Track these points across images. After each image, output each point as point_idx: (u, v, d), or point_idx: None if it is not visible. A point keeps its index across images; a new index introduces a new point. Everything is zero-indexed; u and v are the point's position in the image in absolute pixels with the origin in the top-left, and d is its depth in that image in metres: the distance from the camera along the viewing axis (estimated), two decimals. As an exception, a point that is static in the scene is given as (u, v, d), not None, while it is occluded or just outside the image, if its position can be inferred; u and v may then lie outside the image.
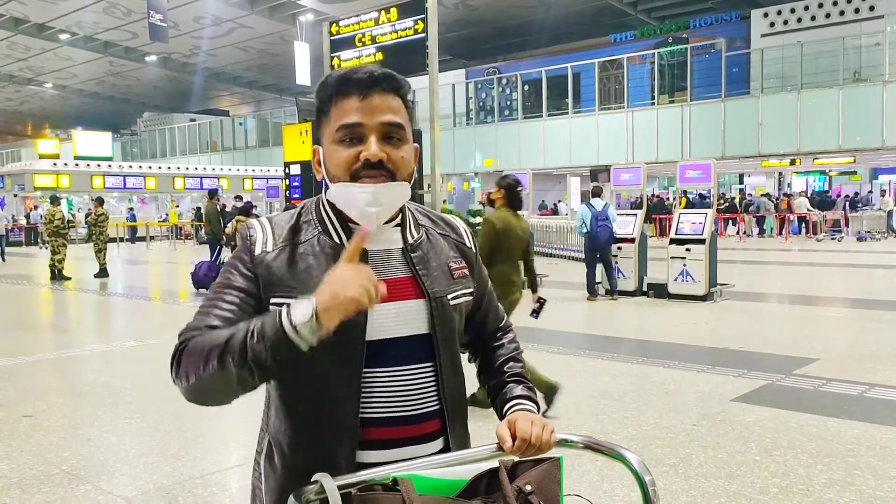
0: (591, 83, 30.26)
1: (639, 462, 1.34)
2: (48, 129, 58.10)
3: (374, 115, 1.34)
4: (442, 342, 1.40)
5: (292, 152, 14.44)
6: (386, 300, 1.30)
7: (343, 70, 1.41)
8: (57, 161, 33.14)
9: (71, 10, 31.69)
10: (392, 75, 1.39)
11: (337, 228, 1.40)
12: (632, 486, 1.33)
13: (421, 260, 1.42)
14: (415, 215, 1.49)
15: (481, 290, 1.58)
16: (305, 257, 1.36)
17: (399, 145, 1.37)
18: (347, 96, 1.36)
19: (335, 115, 1.37)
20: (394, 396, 1.35)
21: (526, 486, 1.25)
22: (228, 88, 49.51)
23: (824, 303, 10.76)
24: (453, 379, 1.43)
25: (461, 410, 1.47)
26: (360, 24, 12.39)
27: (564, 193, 34.37)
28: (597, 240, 10.99)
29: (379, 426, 1.34)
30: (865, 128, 23.01)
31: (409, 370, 1.37)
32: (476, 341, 1.63)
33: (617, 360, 6.96)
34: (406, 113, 1.40)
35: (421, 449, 1.37)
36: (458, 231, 1.55)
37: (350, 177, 1.34)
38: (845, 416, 4.98)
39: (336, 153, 1.36)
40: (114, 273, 16.42)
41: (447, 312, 1.41)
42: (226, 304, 1.33)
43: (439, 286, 1.41)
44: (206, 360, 1.24)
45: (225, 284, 1.36)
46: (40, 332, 9.54)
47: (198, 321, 1.33)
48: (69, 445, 4.72)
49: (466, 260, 1.52)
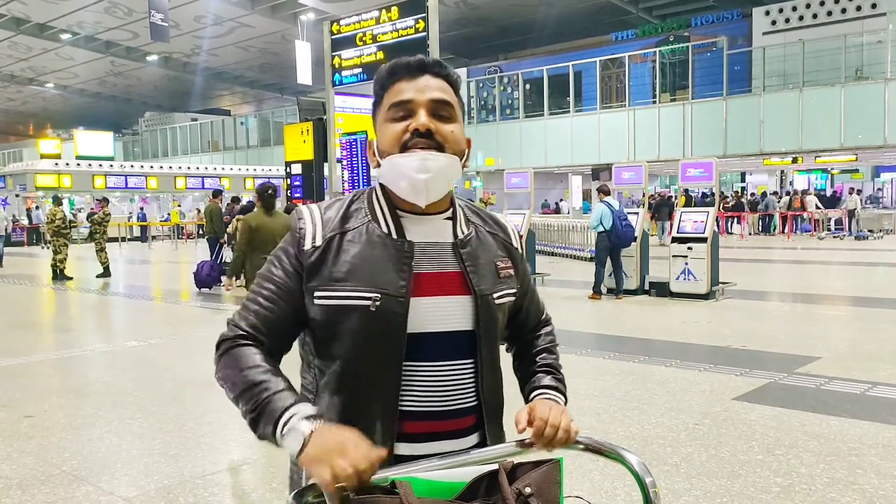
0: (592, 82, 30.24)
1: (639, 463, 1.33)
2: (50, 129, 58.21)
3: (424, 93, 1.38)
4: (484, 340, 1.41)
5: (293, 152, 14.45)
6: (432, 293, 1.37)
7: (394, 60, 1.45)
8: (58, 161, 33.18)
9: (72, 9, 31.70)
10: (441, 62, 1.43)
11: (386, 217, 1.40)
12: (634, 486, 1.33)
13: (470, 256, 1.42)
14: (465, 211, 1.50)
15: (524, 289, 1.58)
16: (351, 245, 1.37)
17: (448, 121, 1.39)
18: (399, 80, 1.40)
19: (387, 99, 1.41)
20: (432, 390, 1.36)
21: (526, 489, 1.24)
22: (230, 88, 49.53)
23: (826, 301, 10.74)
24: (492, 377, 1.44)
25: (498, 408, 1.48)
26: (360, 23, 12.40)
27: (566, 192, 34.34)
28: (623, 239, 10.92)
29: (416, 419, 1.36)
30: (867, 126, 22.96)
31: (449, 365, 1.38)
32: (516, 336, 1.65)
33: (619, 358, 6.95)
34: (456, 98, 1.43)
35: (456, 443, 1.38)
36: (507, 231, 1.56)
37: (400, 149, 1.36)
38: (847, 415, 4.96)
39: (387, 129, 1.39)
40: (116, 273, 16.42)
41: (492, 311, 1.42)
42: (265, 302, 1.38)
43: (486, 284, 1.42)
44: (229, 389, 1.34)
45: (267, 278, 1.40)
46: (42, 333, 9.54)
47: (240, 317, 1.39)
48: (70, 446, 4.71)
49: (512, 260, 1.52)
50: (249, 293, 1.42)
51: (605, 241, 11.02)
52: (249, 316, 1.38)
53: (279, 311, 1.37)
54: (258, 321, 1.37)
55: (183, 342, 7.62)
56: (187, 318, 10.74)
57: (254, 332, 1.37)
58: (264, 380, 1.29)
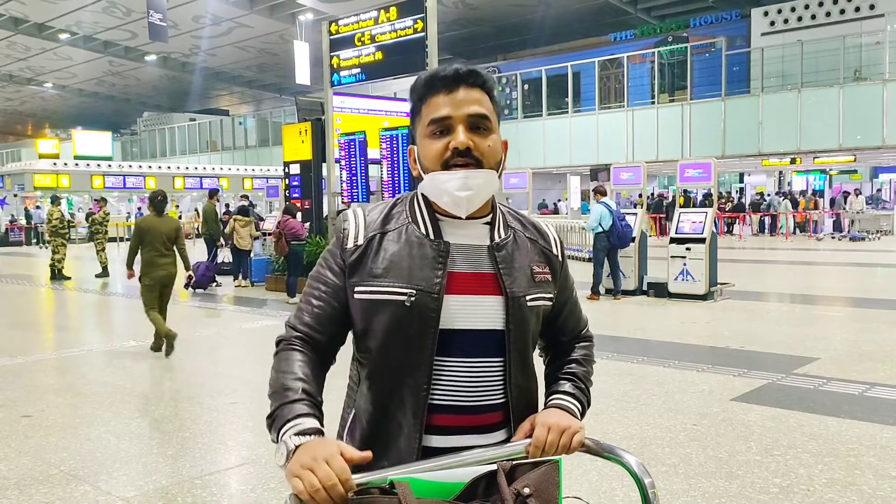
0: (591, 82, 30.22)
1: (638, 464, 1.33)
2: (48, 128, 58.14)
3: (461, 108, 1.42)
4: (514, 340, 1.44)
5: (292, 152, 14.44)
6: (465, 292, 1.42)
7: (430, 71, 1.49)
8: (57, 161, 33.15)
9: (70, 9, 31.65)
10: (475, 71, 1.47)
11: (426, 220, 1.46)
12: (632, 486, 1.33)
13: (504, 259, 1.46)
14: (506, 217, 1.54)
15: (563, 297, 1.61)
16: (391, 244, 1.44)
17: (486, 135, 1.44)
18: (436, 93, 1.44)
19: (426, 113, 1.45)
20: (461, 385, 1.41)
21: (524, 489, 1.24)
22: (228, 88, 49.48)
23: (824, 302, 10.75)
24: (521, 376, 1.47)
25: (527, 407, 1.50)
26: (359, 23, 12.37)
27: (564, 192, 34.33)
28: (623, 239, 10.94)
29: (445, 413, 1.40)
30: (866, 126, 22.97)
31: (479, 362, 1.42)
32: (552, 346, 1.67)
33: (617, 359, 6.95)
34: (491, 105, 1.47)
35: (484, 438, 1.42)
36: (547, 238, 1.59)
37: (441, 166, 1.42)
38: (846, 416, 4.97)
39: (428, 146, 1.44)
40: (114, 273, 16.41)
41: (523, 312, 1.45)
42: (315, 301, 1.47)
43: (519, 286, 1.45)
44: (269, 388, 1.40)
45: (317, 278, 1.49)
46: (40, 332, 9.53)
47: (296, 318, 1.48)
48: (68, 445, 4.71)
49: (551, 267, 1.55)
50: (302, 296, 1.50)
51: (603, 241, 11.02)
52: (303, 315, 1.47)
53: (329, 308, 1.46)
54: (311, 319, 1.46)
55: (181, 342, 7.61)
56: (184, 318, 10.72)
57: (308, 329, 1.46)
58: (288, 386, 1.36)
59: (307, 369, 1.41)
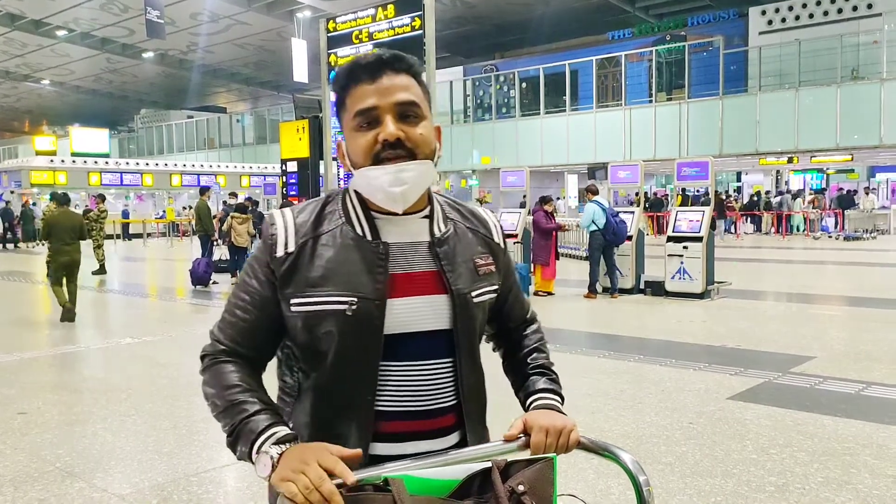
0: (588, 81, 30.24)
1: (633, 462, 1.32)
2: (45, 125, 58.07)
3: (387, 96, 1.33)
4: (463, 338, 1.39)
5: (289, 149, 14.42)
6: (408, 294, 1.35)
7: (352, 58, 1.40)
8: (54, 158, 33.08)
9: (68, 6, 31.57)
10: (400, 55, 1.38)
11: (360, 219, 1.38)
12: (628, 485, 1.32)
13: (447, 255, 1.40)
14: (444, 208, 1.47)
15: (507, 285, 1.56)
16: (325, 249, 1.35)
17: (416, 123, 1.35)
18: (359, 83, 1.35)
19: (350, 104, 1.36)
20: (410, 390, 1.35)
21: (519, 487, 1.23)
22: (226, 85, 49.41)
23: (821, 301, 10.75)
24: (472, 375, 1.42)
25: (479, 406, 1.46)
26: (357, 20, 12.36)
27: (562, 191, 34.37)
28: (618, 236, 10.95)
29: (394, 419, 1.34)
30: (863, 126, 23.01)
31: (427, 365, 1.36)
32: (501, 334, 1.63)
33: (614, 357, 6.95)
34: (420, 91, 1.38)
35: (436, 443, 1.37)
36: (488, 226, 1.53)
37: (372, 161, 1.33)
38: (842, 415, 4.98)
39: (356, 140, 1.35)
40: (111, 270, 16.37)
41: (470, 309, 1.40)
42: (241, 313, 1.38)
43: (464, 283, 1.40)
44: (212, 407, 1.34)
45: (243, 288, 1.40)
46: (36, 329, 9.51)
47: (219, 330, 1.40)
48: (64, 443, 4.70)
49: (494, 255, 1.49)
50: (227, 303, 1.41)
51: (598, 239, 11.05)
52: (228, 329, 1.38)
53: (256, 321, 1.37)
54: (237, 334, 1.37)
55: (178, 339, 7.60)
56: (182, 315, 10.72)
57: (234, 345, 1.37)
58: (242, 401, 1.29)
59: (249, 380, 1.34)
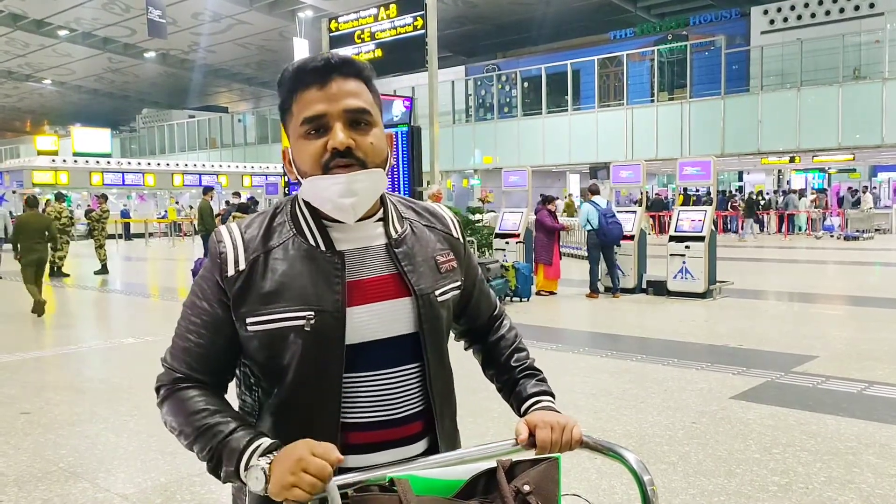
0: (590, 80, 30.23)
1: (637, 461, 1.32)
2: (47, 125, 58.11)
3: (337, 102, 1.27)
4: (429, 340, 1.34)
5: (291, 149, 14.44)
6: (369, 300, 1.29)
7: (298, 61, 1.33)
8: (55, 158, 33.08)
9: (69, 6, 31.61)
10: (349, 59, 1.31)
11: (312, 229, 1.32)
12: (631, 484, 1.32)
13: (406, 255, 1.35)
14: (398, 208, 1.42)
15: (471, 280, 1.52)
16: (278, 263, 1.29)
17: (367, 130, 1.29)
18: (306, 87, 1.29)
19: (297, 110, 1.29)
20: (377, 401, 1.31)
21: (524, 487, 1.23)
22: (227, 85, 49.45)
23: (823, 300, 10.75)
24: (441, 378, 1.39)
25: (450, 408, 1.43)
26: (359, 20, 12.36)
27: (564, 191, 34.36)
28: (609, 237, 10.97)
29: (362, 430, 1.30)
30: (865, 125, 22.98)
31: (394, 372, 1.32)
32: (471, 331, 1.59)
33: (616, 357, 6.95)
34: (371, 97, 1.32)
35: (405, 451, 1.33)
36: (445, 221, 1.47)
37: (321, 170, 1.27)
38: (844, 414, 4.97)
39: (303, 148, 1.29)
40: (113, 270, 16.40)
41: (435, 309, 1.35)
42: (194, 338, 1.31)
43: (426, 282, 1.35)
44: (182, 437, 1.28)
45: (193, 310, 1.33)
46: (39, 329, 9.52)
47: (173, 357, 1.33)
48: (67, 442, 4.71)
49: (454, 251, 1.45)
50: (178, 326, 1.34)
51: (593, 238, 11.12)
52: (182, 355, 1.32)
53: (211, 345, 1.30)
54: (192, 360, 1.31)
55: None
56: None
57: (190, 371, 1.31)
58: (214, 423, 1.24)
59: (213, 401, 1.28)
